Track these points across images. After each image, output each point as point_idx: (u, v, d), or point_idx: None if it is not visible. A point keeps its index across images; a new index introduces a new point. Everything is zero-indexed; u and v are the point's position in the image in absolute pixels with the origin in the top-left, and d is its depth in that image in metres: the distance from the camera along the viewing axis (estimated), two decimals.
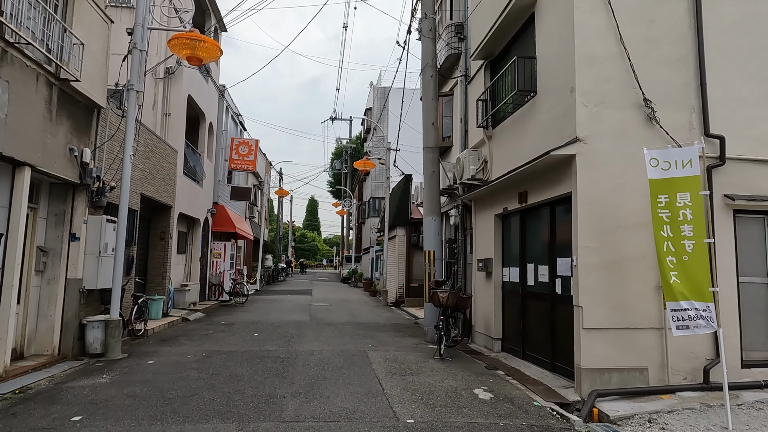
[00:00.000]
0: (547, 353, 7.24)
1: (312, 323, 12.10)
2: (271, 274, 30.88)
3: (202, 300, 16.10)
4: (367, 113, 39.49)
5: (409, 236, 18.16)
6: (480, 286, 9.68)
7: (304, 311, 14.87)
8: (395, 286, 18.28)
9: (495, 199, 9.09)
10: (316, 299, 19.56)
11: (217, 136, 17.33)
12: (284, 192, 27.39)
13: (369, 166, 18.16)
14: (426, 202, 10.17)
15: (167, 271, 12.02)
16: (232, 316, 13.52)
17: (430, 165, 10.14)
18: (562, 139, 6.43)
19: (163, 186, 11.53)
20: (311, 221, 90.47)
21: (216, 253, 17.36)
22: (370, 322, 12.68)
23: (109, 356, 7.53)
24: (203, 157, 15.56)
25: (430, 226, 10.02)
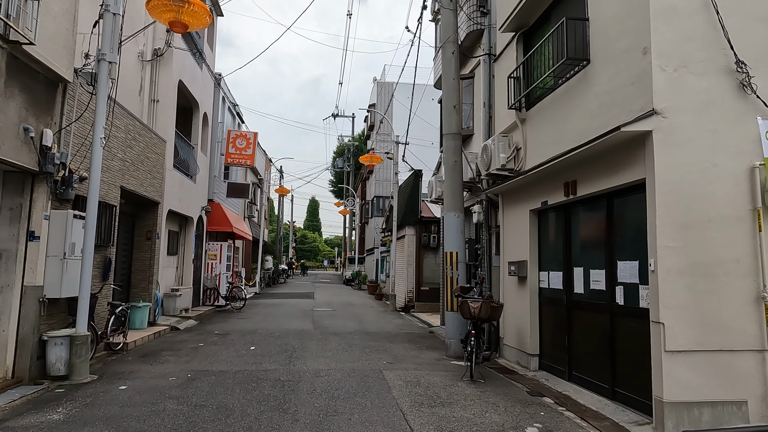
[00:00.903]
0: (605, 377, 5.96)
1: (316, 333, 10.82)
2: (271, 275, 29.61)
3: (196, 305, 14.84)
4: (370, 109, 38.26)
5: (419, 236, 16.89)
6: (511, 292, 8.40)
7: (307, 318, 13.60)
8: (404, 289, 17.01)
9: (530, 192, 7.82)
10: (318, 303, 18.29)
11: (213, 129, 16.07)
12: (285, 190, 26.13)
13: (376, 160, 16.90)
14: (447, 196, 8.90)
15: (154, 275, 10.76)
16: (227, 323, 12.25)
17: (452, 154, 8.87)
18: (631, 113, 5.16)
19: (149, 179, 10.27)
20: (312, 222, 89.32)
21: (211, 254, 16.10)
22: (380, 331, 11.40)
23: (74, 379, 6.26)
24: (196, 151, 14.30)
25: (452, 223, 8.75)
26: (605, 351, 5.96)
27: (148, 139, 10.15)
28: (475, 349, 6.72)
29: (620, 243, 5.82)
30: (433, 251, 16.92)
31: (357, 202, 36.12)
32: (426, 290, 16.61)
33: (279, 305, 17.21)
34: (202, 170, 15.05)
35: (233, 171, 18.95)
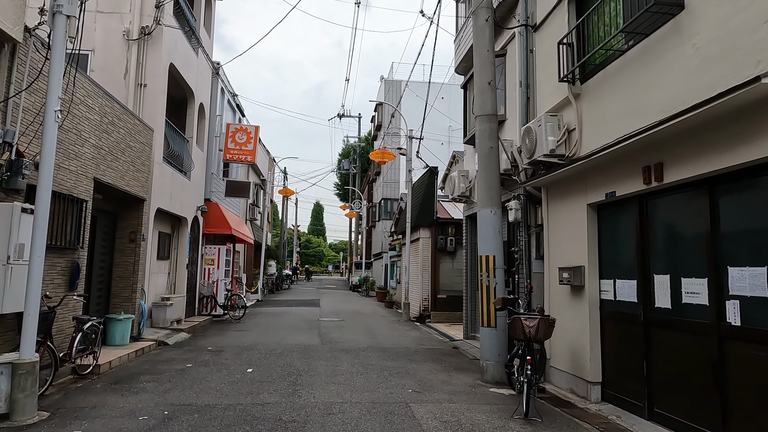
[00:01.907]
0: (711, 420, 4.50)
1: (324, 349, 9.40)
2: (274, 281, 28.23)
3: (191, 315, 13.44)
4: (377, 109, 36.94)
5: (435, 239, 15.46)
6: (561, 305, 6.95)
7: (313, 330, 12.17)
8: (419, 297, 15.57)
9: (587, 181, 6.40)
10: (325, 312, 16.86)
11: (210, 122, 14.73)
12: (289, 191, 24.78)
13: (387, 156, 15.51)
14: (481, 189, 7.48)
15: (138, 282, 9.37)
16: (223, 336, 10.84)
17: (487, 139, 7.45)
18: (752, 66, 3.75)
19: (132, 172, 8.90)
20: (317, 226, 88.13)
21: (208, 259, 14.72)
22: (396, 347, 9.97)
23: (15, 419, 4.86)
24: (191, 144, 12.95)
25: (488, 222, 7.33)
26: (710, 386, 4.51)
27: (131, 125, 8.79)
28: (529, 379, 5.28)
29: (733, 243, 4.38)
30: (450, 255, 15.49)
31: (364, 204, 34.70)
32: (443, 298, 15.16)
33: (282, 314, 15.79)
34: (198, 166, 13.70)
35: (233, 169, 17.61)
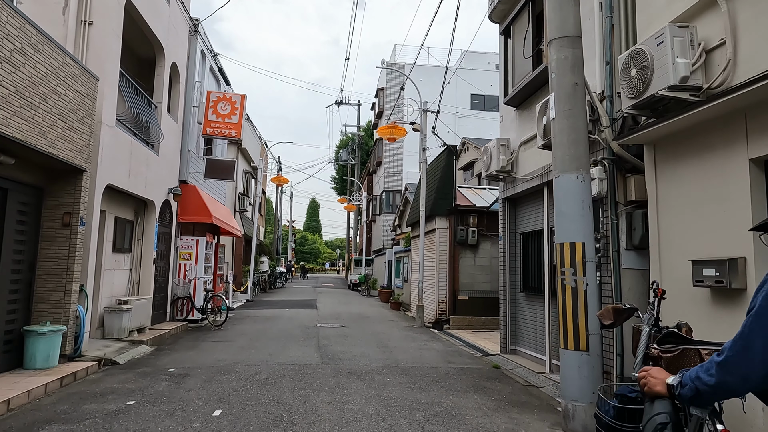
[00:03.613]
0: None
1: (325, 371, 7.01)
2: (267, 279, 25.80)
3: (161, 321, 11.01)
4: (378, 94, 34.53)
5: (454, 230, 13.08)
6: (697, 319, 4.57)
7: (310, 340, 9.78)
8: (435, 299, 13.20)
9: (739, 129, 4.04)
10: (324, 315, 14.47)
11: (187, 89, 12.29)
12: (283, 179, 22.33)
13: (398, 133, 13.11)
14: (560, 146, 5.06)
15: (75, 281, 6.93)
16: (195, 351, 8.43)
17: (569, 72, 5.04)
18: None
19: (62, 130, 6.46)
20: (312, 222, 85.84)
21: (184, 253, 12.28)
22: (421, 366, 7.59)
23: None
24: (160, 112, 10.51)
25: (571, 193, 4.92)
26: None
27: (59, 63, 6.34)
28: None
29: None
30: (472, 250, 13.13)
31: (364, 197, 32.31)
32: (464, 300, 12.80)
33: (273, 319, 13.38)
34: (171, 140, 11.25)
35: (218, 149, 15.16)
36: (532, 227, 8.27)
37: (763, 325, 1.45)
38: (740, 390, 1.56)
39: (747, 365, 1.48)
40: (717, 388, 1.56)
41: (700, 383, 1.60)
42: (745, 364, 1.48)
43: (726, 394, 1.61)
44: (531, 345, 8.12)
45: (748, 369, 1.48)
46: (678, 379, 1.71)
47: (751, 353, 1.47)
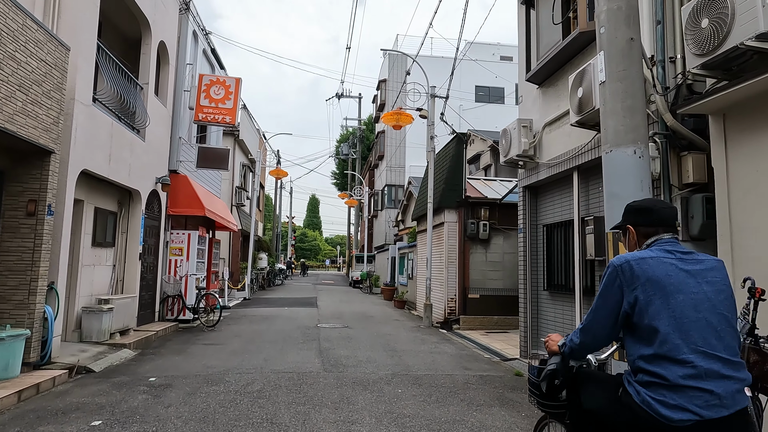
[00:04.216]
0: None
1: (328, 380, 6.16)
2: (265, 276, 24.96)
3: (148, 321, 10.16)
4: (380, 86, 33.62)
5: (464, 223, 12.23)
6: None
7: (310, 342, 8.93)
8: (444, 297, 12.35)
9: None
10: (325, 315, 13.62)
11: (178, 71, 11.40)
12: (282, 173, 21.45)
13: (404, 120, 12.23)
14: (611, 115, 4.17)
15: (41, 278, 6.08)
16: (182, 356, 7.57)
17: (623, 25, 4.15)
18: None
19: (23, 104, 5.59)
20: (312, 219, 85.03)
21: (175, 248, 11.42)
22: (434, 374, 6.73)
23: None
24: (146, 94, 9.63)
25: (626, 170, 4.03)
26: None
27: (18, 25, 5.47)
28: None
29: None
30: (483, 244, 12.28)
31: (366, 191, 31.46)
32: (475, 299, 11.95)
33: (271, 318, 12.53)
34: (159, 126, 10.38)
35: (213, 138, 14.28)
36: (559, 218, 7.41)
37: (604, 301, 2.00)
38: (594, 347, 2.14)
39: (595, 326, 2.05)
40: (581, 346, 2.14)
41: (572, 343, 2.17)
42: (594, 325, 2.05)
43: (588, 349, 2.16)
44: None
45: (596, 329, 2.05)
46: (563, 341, 2.26)
47: (598, 322, 2.03)
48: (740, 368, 1.84)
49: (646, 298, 1.88)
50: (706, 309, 1.86)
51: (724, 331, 1.85)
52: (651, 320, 1.86)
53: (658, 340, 1.83)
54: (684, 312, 1.84)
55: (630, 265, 1.92)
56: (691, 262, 1.95)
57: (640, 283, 1.90)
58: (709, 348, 1.80)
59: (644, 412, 1.81)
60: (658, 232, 2.07)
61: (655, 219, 2.09)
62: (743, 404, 1.81)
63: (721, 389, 1.76)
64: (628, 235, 2.19)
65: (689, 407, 1.74)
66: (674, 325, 1.83)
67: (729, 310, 1.91)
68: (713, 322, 1.84)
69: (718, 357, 1.80)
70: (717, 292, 1.90)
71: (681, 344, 1.81)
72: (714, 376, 1.77)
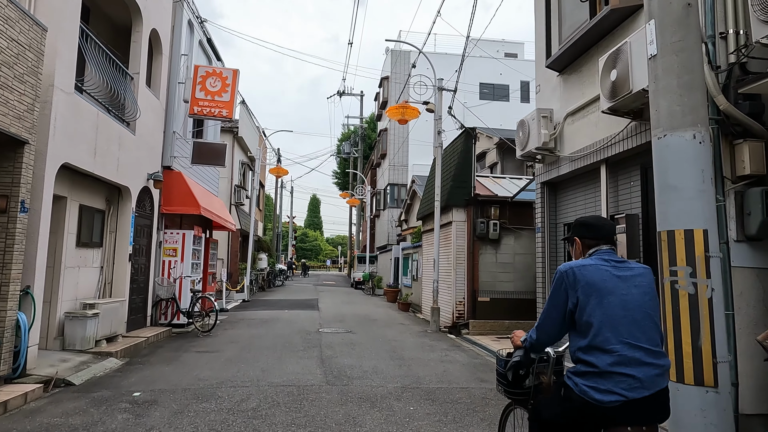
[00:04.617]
0: None
1: (332, 395, 5.56)
2: (265, 277, 24.37)
3: (139, 327, 9.57)
4: (382, 83, 33.04)
5: (474, 222, 11.63)
6: None
7: (311, 350, 8.33)
8: (452, 300, 11.74)
9: None
10: (326, 318, 13.03)
11: (172, 62, 10.81)
12: (282, 171, 20.86)
13: (410, 114, 11.62)
14: (665, 94, 3.55)
15: (13, 282, 5.48)
16: (173, 366, 6.98)
17: None
18: None
19: None
20: (313, 219, 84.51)
21: (169, 248, 10.83)
22: (448, 387, 6.13)
23: None
24: (137, 84, 9.05)
25: (685, 157, 3.42)
26: None
27: None
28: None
29: None
30: (494, 245, 11.68)
31: (368, 190, 30.87)
32: (485, 302, 11.34)
33: (270, 322, 11.94)
34: (151, 119, 9.80)
35: (210, 133, 13.67)
36: (582, 215, 6.81)
37: (553, 302, 2.30)
38: (548, 342, 2.43)
39: (548, 324, 2.36)
40: (538, 341, 2.44)
41: (530, 339, 2.48)
42: (546, 324, 2.37)
43: (543, 344, 2.45)
44: None
45: (548, 326, 2.36)
46: (525, 337, 2.57)
47: (549, 320, 2.34)
48: (660, 356, 2.13)
49: (585, 298, 2.19)
50: (633, 308, 2.16)
51: (647, 326, 2.15)
52: (588, 317, 2.16)
53: (592, 333, 2.14)
54: (614, 310, 2.14)
55: (573, 271, 2.24)
56: (623, 269, 2.26)
57: (580, 286, 2.21)
58: (633, 340, 2.10)
59: (582, 400, 2.10)
60: (599, 244, 2.39)
61: (598, 234, 2.41)
62: (662, 386, 2.10)
63: (642, 374, 2.05)
64: (575, 245, 2.49)
65: (616, 390, 2.04)
66: (606, 320, 2.13)
67: (652, 309, 2.21)
68: (638, 319, 2.14)
69: (641, 347, 2.09)
70: (643, 294, 2.20)
71: (610, 336, 2.10)
72: (636, 363, 2.06)
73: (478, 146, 19.16)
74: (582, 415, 2.14)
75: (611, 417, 2.08)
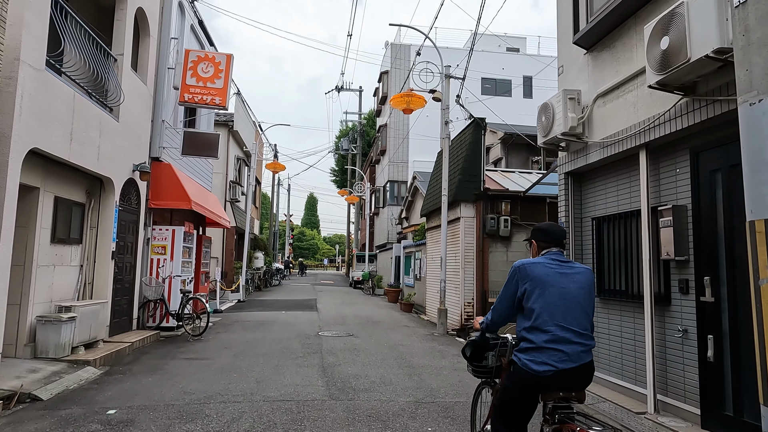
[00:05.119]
0: None
1: (336, 413, 4.83)
2: (262, 277, 23.63)
3: (124, 330, 8.83)
4: (382, 78, 32.31)
5: (483, 218, 10.94)
6: None
7: (311, 357, 7.61)
8: (459, 301, 11.04)
9: None
10: (326, 320, 12.32)
11: (160, 45, 10.07)
12: (279, 166, 20.11)
13: (415, 103, 10.90)
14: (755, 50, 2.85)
15: None
16: (156, 377, 6.25)
17: None
18: None
19: None
20: (310, 218, 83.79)
21: (157, 246, 10.09)
22: (467, 402, 5.41)
23: None
24: (121, 66, 8.30)
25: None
26: None
27: None
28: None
29: None
30: (504, 242, 11.00)
31: (367, 187, 30.14)
32: None
33: (266, 324, 11.21)
34: (138, 105, 9.05)
35: (203, 123, 12.91)
36: (614, 209, 6.11)
37: (506, 290, 2.83)
38: (500, 322, 2.94)
39: (500, 308, 2.87)
40: (492, 322, 2.97)
41: (487, 320, 3.00)
42: (499, 308, 2.88)
43: (497, 324, 2.97)
44: (613, 370, 5.97)
45: (501, 310, 2.88)
46: (483, 320, 3.05)
47: (501, 302, 2.86)
48: (586, 338, 2.68)
49: (531, 288, 2.73)
50: (568, 299, 2.71)
51: (578, 313, 2.70)
52: (532, 303, 2.71)
53: (534, 316, 2.69)
54: (553, 299, 2.69)
55: (524, 267, 2.77)
56: (565, 268, 2.81)
57: (528, 279, 2.75)
58: (565, 323, 2.65)
59: (525, 371, 2.64)
60: (550, 246, 2.93)
61: (549, 238, 2.96)
62: (586, 360, 2.65)
63: (570, 350, 2.60)
64: (533, 246, 3.04)
65: (549, 362, 2.59)
66: (545, 307, 2.68)
67: (585, 301, 2.76)
68: (572, 307, 2.70)
69: (571, 329, 2.65)
70: (579, 288, 2.76)
71: (548, 320, 2.66)
72: (566, 342, 2.61)
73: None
74: (525, 384, 2.66)
75: (546, 384, 2.60)
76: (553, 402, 2.65)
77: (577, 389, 2.65)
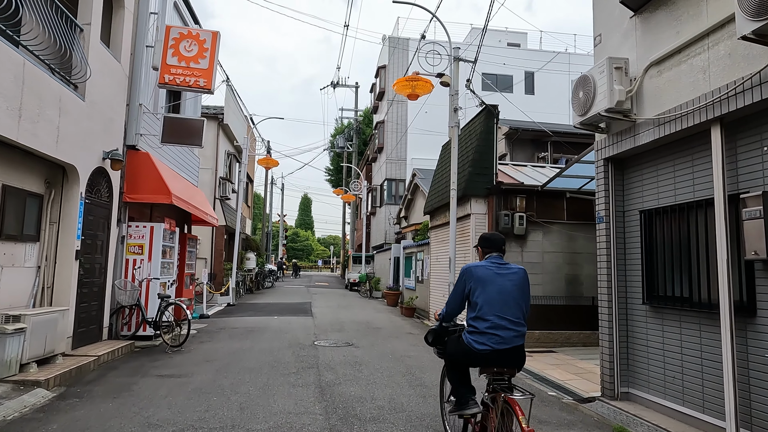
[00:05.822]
0: None
1: None
2: (254, 278, 22.49)
3: (92, 341, 7.72)
4: (379, 73, 31.29)
5: (496, 215, 9.91)
6: None
7: (306, 373, 6.54)
8: None
9: None
10: (322, 326, 11.24)
11: (137, 20, 8.98)
12: (272, 161, 18.99)
13: (421, 88, 9.83)
14: None
15: None
16: (118, 402, 5.15)
17: None
18: None
19: None
20: (305, 219, 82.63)
21: (134, 244, 8.99)
22: None
23: None
24: (88, 37, 7.21)
25: None
26: None
27: None
28: None
29: None
30: (519, 242, 9.99)
31: (364, 185, 29.08)
32: None
33: (256, 332, 10.12)
34: (109, 84, 7.96)
35: (188, 109, 11.80)
36: (671, 199, 5.09)
37: (457, 288, 3.59)
38: (453, 314, 3.74)
39: (452, 303, 3.66)
40: (447, 313, 3.76)
41: (443, 313, 3.81)
42: (451, 302, 3.67)
43: (450, 316, 3.78)
44: (670, 394, 4.95)
45: (453, 304, 3.67)
46: (440, 312, 3.85)
47: (453, 297, 3.64)
48: (519, 325, 3.40)
49: (475, 286, 3.49)
50: (505, 293, 3.43)
51: (512, 306, 3.41)
52: (476, 298, 3.45)
53: (477, 308, 3.42)
54: (492, 295, 3.41)
55: (470, 269, 3.52)
56: (503, 269, 3.53)
57: (473, 279, 3.50)
58: (502, 314, 3.36)
59: (468, 347, 3.40)
60: (491, 251, 3.68)
61: (491, 245, 3.71)
62: (518, 344, 3.38)
63: (504, 335, 3.33)
64: (479, 251, 3.80)
65: (487, 343, 3.33)
66: (486, 301, 3.40)
67: (519, 296, 3.47)
68: (507, 301, 3.41)
69: (506, 318, 3.36)
70: (514, 285, 3.47)
71: (488, 311, 3.37)
72: (501, 328, 3.33)
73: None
74: (467, 355, 3.46)
75: (484, 360, 3.39)
76: (492, 376, 3.43)
77: (509, 366, 3.40)
